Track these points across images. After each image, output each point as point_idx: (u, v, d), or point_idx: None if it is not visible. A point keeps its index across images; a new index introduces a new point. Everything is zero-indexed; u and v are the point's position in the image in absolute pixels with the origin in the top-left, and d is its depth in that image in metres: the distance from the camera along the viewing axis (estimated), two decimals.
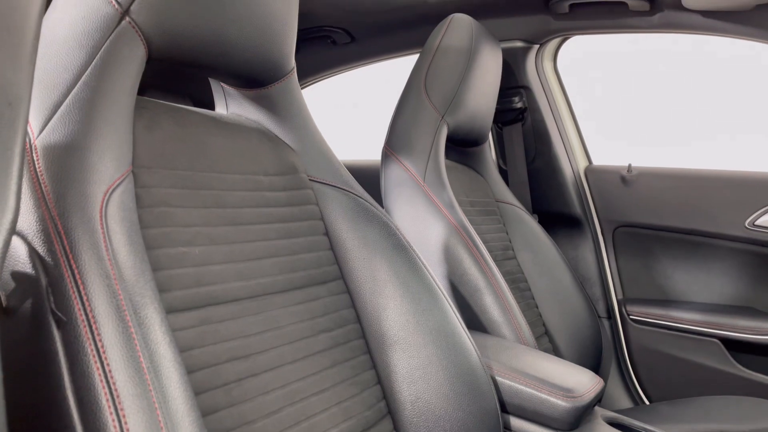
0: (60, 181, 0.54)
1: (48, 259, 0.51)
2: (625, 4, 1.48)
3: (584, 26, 1.61)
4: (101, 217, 0.55)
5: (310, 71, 2.10)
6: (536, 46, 1.73)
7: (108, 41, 0.62)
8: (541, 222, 1.75)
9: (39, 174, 0.54)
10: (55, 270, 0.51)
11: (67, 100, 0.58)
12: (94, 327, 0.50)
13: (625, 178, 1.72)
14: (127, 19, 0.63)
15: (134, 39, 0.64)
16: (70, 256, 0.51)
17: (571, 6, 1.55)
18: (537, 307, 1.53)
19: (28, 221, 0.53)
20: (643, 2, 1.45)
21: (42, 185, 0.54)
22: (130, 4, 0.63)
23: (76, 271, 0.51)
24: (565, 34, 1.68)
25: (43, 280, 0.51)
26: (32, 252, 0.51)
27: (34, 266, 0.51)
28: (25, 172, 0.54)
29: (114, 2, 0.63)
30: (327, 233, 0.87)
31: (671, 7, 1.44)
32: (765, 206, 1.50)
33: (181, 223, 0.67)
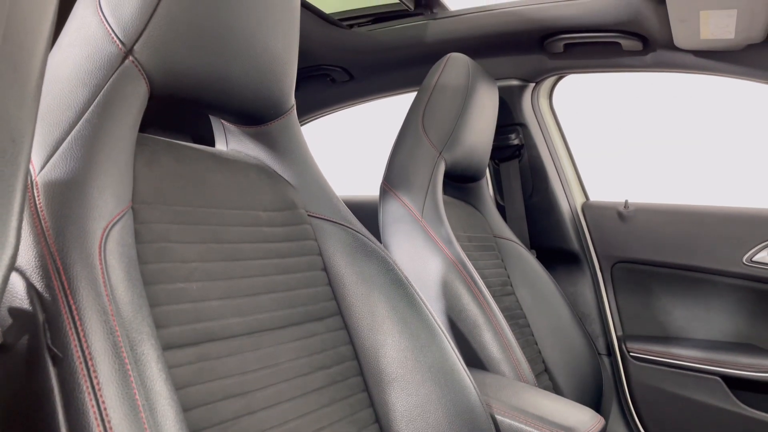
0: (60, 218, 0.54)
1: (46, 295, 0.51)
2: (618, 44, 1.51)
3: (579, 65, 1.64)
4: (100, 252, 0.55)
5: (309, 108, 2.12)
6: (532, 85, 1.75)
7: (111, 80, 0.63)
8: (539, 258, 1.75)
9: (39, 210, 0.55)
10: (53, 306, 0.51)
11: (69, 137, 0.59)
12: (90, 364, 0.49)
13: (622, 214, 1.72)
14: (131, 58, 0.64)
15: (137, 77, 0.65)
16: (68, 292, 0.51)
17: (566, 46, 1.58)
18: (536, 344, 1.52)
19: (27, 257, 0.53)
20: (635, 42, 1.48)
21: (42, 221, 0.54)
22: (134, 43, 0.64)
23: (73, 307, 0.51)
24: (560, 72, 1.71)
25: (41, 316, 0.50)
26: (30, 288, 0.51)
27: (31, 302, 0.51)
28: (25, 208, 0.54)
29: (118, 42, 0.64)
30: (325, 268, 0.87)
31: (664, 47, 1.47)
32: (762, 242, 1.51)
33: (180, 259, 0.67)
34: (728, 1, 1.16)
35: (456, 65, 1.45)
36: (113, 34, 0.64)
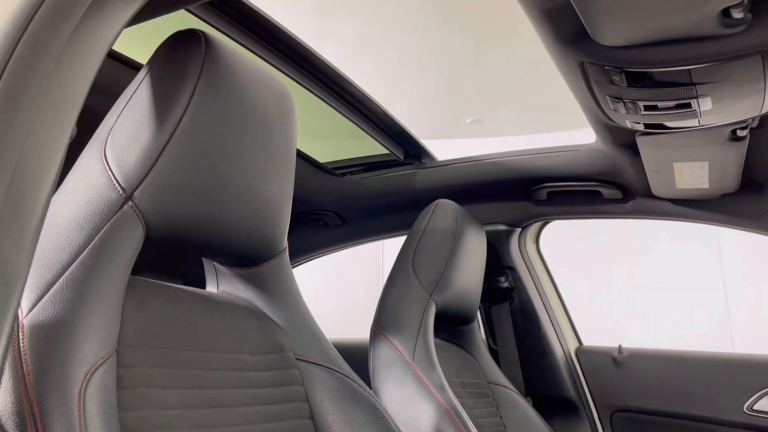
0: (42, 361, 0.53)
1: None
2: (599, 192, 1.58)
3: (562, 212, 1.71)
4: (80, 398, 0.53)
5: (301, 251, 2.15)
6: (518, 229, 1.80)
7: (108, 224, 0.65)
8: (535, 406, 1.68)
9: (22, 353, 0.53)
10: None
11: (60, 280, 0.59)
12: None
13: (617, 360, 1.69)
14: (130, 203, 0.66)
15: (134, 221, 0.67)
16: None
17: (549, 194, 1.65)
18: None
19: (4, 403, 0.51)
20: (615, 191, 1.55)
21: (24, 365, 0.53)
22: (135, 189, 0.67)
23: None
24: (545, 218, 1.77)
25: None
26: None
27: None
28: (9, 351, 0.53)
29: (119, 188, 0.66)
30: (312, 416, 0.84)
31: (642, 195, 1.54)
32: (761, 390, 1.47)
33: (161, 406, 0.65)
34: (699, 153, 1.24)
35: (444, 211, 1.50)
36: (115, 181, 0.66)
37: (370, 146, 1.67)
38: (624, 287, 4.05)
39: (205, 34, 0.74)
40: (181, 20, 1.05)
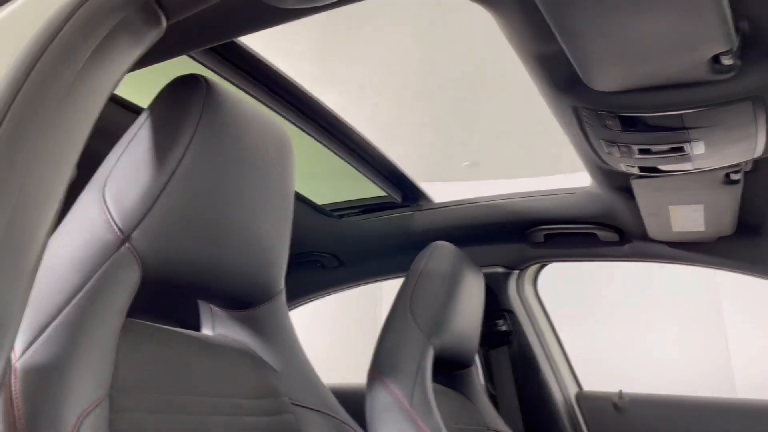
0: (34, 404, 0.52)
1: None
2: (595, 235, 1.58)
3: (559, 254, 1.71)
4: None
5: (298, 293, 2.14)
6: (516, 272, 1.80)
7: (105, 266, 0.64)
8: None
9: (14, 397, 0.52)
10: None
11: (54, 322, 0.59)
12: None
13: (618, 405, 1.67)
14: (127, 244, 0.66)
15: (131, 263, 0.67)
16: None
17: (546, 236, 1.65)
18: None
19: None
20: (611, 234, 1.56)
21: (15, 409, 0.52)
22: (132, 231, 0.67)
23: None
24: (542, 261, 1.77)
25: None
26: None
27: None
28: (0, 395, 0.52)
29: (117, 230, 0.66)
30: None
31: (639, 238, 1.55)
32: None
33: None
34: (694, 197, 1.25)
35: (442, 253, 1.50)
36: (113, 222, 0.66)
37: (367, 188, 1.69)
38: (620, 330, 4.01)
39: (205, 79, 0.75)
40: (182, 65, 1.08)
